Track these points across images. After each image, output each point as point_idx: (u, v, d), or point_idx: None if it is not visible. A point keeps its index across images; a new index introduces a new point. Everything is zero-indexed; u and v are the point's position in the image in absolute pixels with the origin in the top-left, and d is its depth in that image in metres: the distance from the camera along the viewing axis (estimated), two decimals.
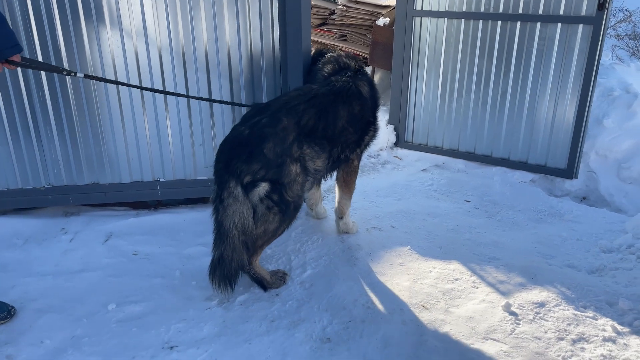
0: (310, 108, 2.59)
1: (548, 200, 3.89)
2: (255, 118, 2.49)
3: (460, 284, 2.66)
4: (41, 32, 3.00)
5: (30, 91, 3.11)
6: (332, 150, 2.73)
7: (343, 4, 6.10)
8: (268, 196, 2.45)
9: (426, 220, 3.46)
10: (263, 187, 2.44)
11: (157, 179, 3.43)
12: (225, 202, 2.40)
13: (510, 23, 4.03)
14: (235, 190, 2.39)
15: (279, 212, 2.51)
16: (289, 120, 2.50)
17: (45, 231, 3.25)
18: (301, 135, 2.53)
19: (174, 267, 2.90)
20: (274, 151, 2.43)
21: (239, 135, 2.47)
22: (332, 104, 2.69)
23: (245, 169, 2.39)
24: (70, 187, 3.34)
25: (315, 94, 2.67)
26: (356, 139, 2.89)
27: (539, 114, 4.09)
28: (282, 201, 2.50)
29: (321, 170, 2.73)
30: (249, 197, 2.42)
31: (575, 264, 2.93)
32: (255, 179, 2.41)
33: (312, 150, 2.60)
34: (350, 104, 2.77)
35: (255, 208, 2.46)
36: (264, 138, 2.42)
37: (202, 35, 3.15)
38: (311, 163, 2.61)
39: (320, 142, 2.63)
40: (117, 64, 3.14)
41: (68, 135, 3.24)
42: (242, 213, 2.40)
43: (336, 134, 2.72)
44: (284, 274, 2.74)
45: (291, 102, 2.58)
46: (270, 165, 2.42)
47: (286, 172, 2.47)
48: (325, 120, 2.64)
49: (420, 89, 4.62)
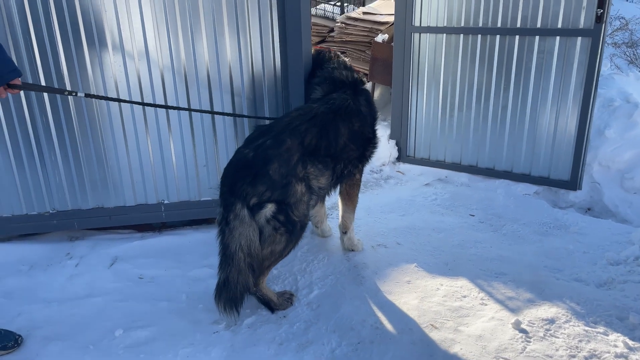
0: (312, 127, 2.62)
1: (553, 212, 3.88)
2: (259, 140, 2.50)
3: (468, 301, 2.65)
4: (44, 58, 3.02)
5: (34, 117, 3.13)
6: (336, 167, 2.76)
7: (342, 21, 6.16)
8: (275, 217, 2.45)
9: (431, 236, 3.45)
10: (269, 208, 2.44)
11: (162, 201, 3.43)
12: (231, 224, 2.40)
13: (509, 37, 4.06)
14: (242, 213, 2.40)
15: (285, 233, 2.51)
16: (293, 141, 2.52)
17: (51, 256, 3.25)
18: (305, 155, 2.55)
19: (180, 290, 2.89)
20: (279, 172, 2.44)
21: (244, 158, 2.48)
22: (333, 122, 2.72)
23: (251, 191, 2.40)
24: (74, 211, 3.35)
25: (316, 114, 2.69)
26: (358, 155, 2.91)
27: (541, 127, 4.10)
28: (289, 221, 2.50)
29: (325, 187, 2.76)
30: (256, 218, 2.43)
31: (583, 277, 2.91)
32: (261, 200, 2.41)
33: (316, 169, 2.62)
34: (350, 120, 2.80)
35: (262, 229, 2.46)
36: (268, 160, 2.43)
37: (203, 54, 3.17)
38: (315, 182, 2.63)
39: (324, 160, 2.66)
40: (119, 87, 3.16)
41: (72, 159, 3.25)
42: (248, 235, 2.40)
43: (338, 151, 2.74)
44: (291, 294, 2.73)
45: (293, 122, 2.60)
46: (275, 187, 2.43)
47: (292, 192, 2.48)
48: (327, 139, 2.67)
49: (421, 104, 4.64)
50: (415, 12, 4.42)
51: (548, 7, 3.87)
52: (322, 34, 6.59)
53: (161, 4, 3.04)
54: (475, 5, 4.15)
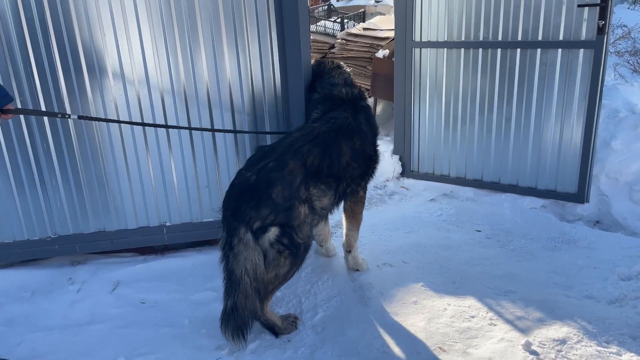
0: (314, 148, 2.59)
1: (561, 226, 3.81)
2: (261, 163, 2.47)
3: (477, 321, 2.58)
4: (44, 84, 3.02)
5: (35, 141, 3.12)
6: (338, 187, 2.73)
7: (342, 37, 6.17)
8: (278, 240, 2.42)
9: (438, 254, 3.40)
10: (273, 232, 2.41)
11: (164, 223, 3.40)
12: (235, 249, 2.37)
13: (510, 50, 4.04)
14: (246, 237, 2.36)
15: (290, 256, 2.47)
16: (295, 163, 2.49)
17: (52, 282, 3.21)
18: (308, 177, 2.52)
19: (183, 314, 2.84)
20: (282, 195, 2.40)
21: (246, 181, 2.45)
22: (335, 142, 2.69)
23: (255, 215, 2.36)
24: (76, 235, 3.32)
25: (318, 134, 2.66)
26: (360, 173, 2.88)
27: (546, 139, 4.06)
28: (293, 244, 2.47)
29: (327, 207, 2.73)
30: (259, 242, 2.39)
31: (594, 294, 2.85)
32: (264, 224, 2.38)
33: (319, 190, 2.59)
34: (351, 139, 2.77)
35: (266, 253, 2.42)
36: (271, 183, 2.40)
37: (203, 74, 3.16)
38: (318, 202, 2.60)
39: (326, 180, 2.63)
40: (120, 110, 3.15)
41: (73, 183, 3.24)
42: (253, 259, 2.37)
43: (341, 171, 2.71)
44: (295, 318, 2.68)
45: (295, 143, 2.57)
46: (279, 210, 2.40)
47: (295, 214, 2.44)
48: (329, 159, 2.64)
49: (424, 118, 4.61)
50: (415, 28, 4.42)
51: (549, 19, 3.85)
52: (323, 51, 6.60)
53: (160, 26, 3.05)
54: (475, 20, 4.13)
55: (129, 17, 3.00)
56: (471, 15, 4.15)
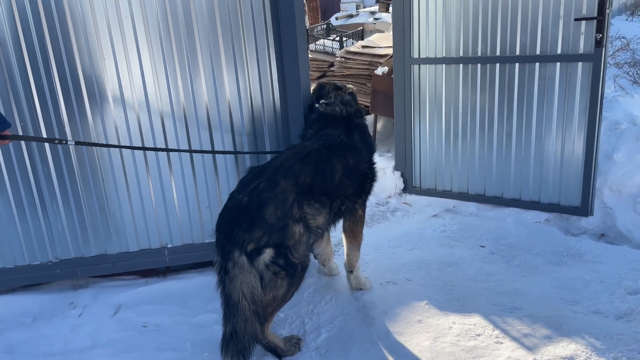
0: (305, 166, 2.56)
1: (566, 240, 3.77)
2: (253, 183, 2.45)
3: (482, 339, 2.54)
4: (44, 108, 3.04)
5: (35, 165, 3.13)
6: (333, 205, 2.69)
7: (342, 55, 6.21)
8: (274, 261, 2.39)
9: (442, 270, 3.36)
10: (268, 254, 2.38)
11: (165, 245, 3.39)
12: (231, 272, 2.34)
13: (509, 65, 4.05)
14: (240, 260, 2.33)
15: (287, 276, 2.44)
16: (287, 182, 2.46)
17: (54, 307, 3.19)
18: (300, 195, 2.49)
19: (185, 337, 2.81)
20: (275, 215, 2.38)
21: (238, 203, 2.43)
22: (327, 159, 2.67)
23: (248, 237, 2.34)
24: (77, 259, 3.31)
25: (309, 152, 2.64)
26: (355, 190, 2.84)
27: (547, 153, 4.04)
28: (289, 264, 2.43)
29: (323, 226, 2.68)
30: (255, 265, 2.36)
31: (601, 309, 2.80)
32: (259, 245, 2.35)
33: (313, 208, 2.56)
34: (344, 156, 2.74)
35: (262, 275, 2.39)
36: (263, 204, 2.38)
37: (203, 96, 3.18)
38: (313, 221, 2.56)
39: (320, 198, 2.59)
40: (120, 132, 3.16)
41: (74, 207, 3.23)
42: (250, 282, 2.34)
43: (334, 188, 2.68)
44: (298, 339, 2.64)
45: (286, 162, 2.55)
46: (272, 230, 2.37)
47: (290, 234, 2.42)
48: (322, 177, 2.61)
49: (424, 134, 4.61)
50: (414, 45, 4.44)
51: (546, 33, 3.86)
52: (322, 69, 6.64)
53: (159, 49, 3.07)
54: (473, 35, 4.15)
55: (128, 41, 3.03)
56: (469, 31, 4.17)
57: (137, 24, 3.02)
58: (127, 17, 2.99)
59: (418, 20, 4.39)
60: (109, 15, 2.98)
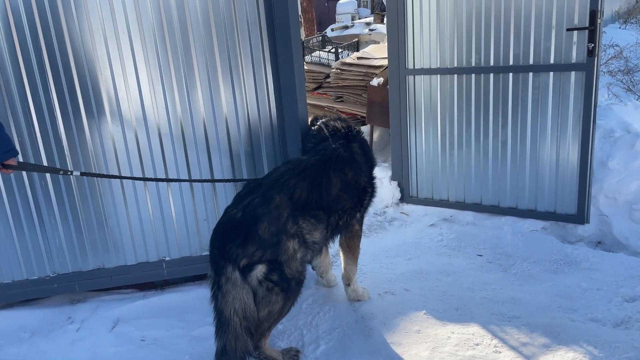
0: (301, 182, 2.56)
1: (562, 248, 3.79)
2: (247, 199, 2.46)
3: (481, 349, 2.55)
4: (42, 124, 3.06)
5: (33, 180, 3.14)
6: (330, 219, 2.68)
7: (337, 67, 6.26)
8: (267, 277, 2.38)
9: (440, 280, 3.37)
10: (260, 269, 2.37)
11: (163, 258, 3.39)
12: (223, 288, 2.34)
13: (503, 75, 4.09)
14: (233, 276, 2.33)
15: (281, 292, 2.43)
16: (281, 197, 2.46)
17: (52, 322, 3.18)
18: (295, 210, 2.48)
19: (183, 351, 2.80)
20: (269, 231, 2.38)
21: (232, 218, 2.43)
22: (324, 174, 2.66)
23: (241, 253, 2.34)
24: (75, 274, 3.30)
25: (305, 166, 2.64)
26: (353, 204, 2.83)
27: (542, 161, 4.07)
28: (283, 279, 2.42)
29: (320, 241, 2.67)
30: (248, 280, 2.36)
31: (598, 317, 2.81)
32: (252, 261, 2.35)
33: (309, 223, 2.55)
34: (342, 170, 2.74)
35: (256, 291, 2.38)
36: (257, 219, 2.38)
37: (200, 110, 3.20)
38: (309, 236, 2.56)
39: (316, 213, 2.58)
40: (117, 147, 3.17)
41: (72, 221, 3.24)
42: (242, 298, 2.33)
43: (331, 203, 2.67)
44: (297, 351, 2.64)
45: (281, 177, 2.55)
46: (266, 246, 2.37)
47: (283, 250, 2.41)
48: (318, 191, 2.60)
49: (420, 144, 4.64)
50: (408, 56, 4.48)
51: (539, 44, 3.91)
52: (318, 80, 6.69)
53: (156, 63, 3.09)
54: (467, 46, 4.20)
55: (125, 55, 3.05)
56: (462, 42, 4.21)
57: (134, 37, 3.04)
58: (124, 32, 3.02)
59: (412, 31, 4.44)
60: (106, 31, 3.00)
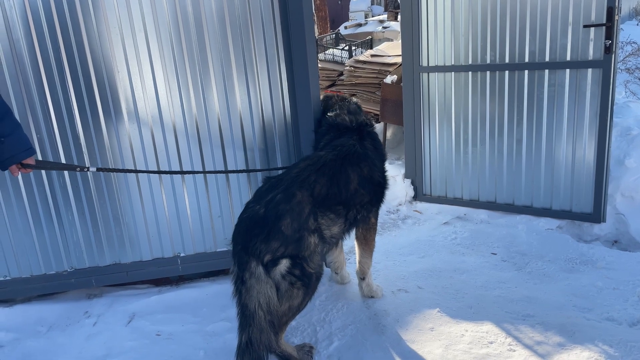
0: (321, 177, 2.59)
1: (578, 247, 3.75)
2: (269, 195, 2.48)
3: (495, 347, 2.54)
4: (60, 123, 3.10)
5: (51, 177, 3.19)
6: (348, 214, 2.71)
7: (351, 64, 6.25)
8: (290, 272, 2.41)
9: (453, 278, 3.36)
10: (284, 264, 2.40)
11: (178, 254, 3.42)
12: (247, 283, 2.37)
13: (518, 72, 4.06)
14: (257, 271, 2.36)
15: (302, 286, 2.46)
16: (303, 193, 2.49)
17: (69, 316, 3.24)
18: (316, 206, 2.52)
19: (198, 346, 2.83)
20: (291, 227, 2.41)
21: (255, 214, 2.45)
22: (342, 169, 2.69)
23: (265, 249, 2.37)
24: (92, 269, 3.35)
25: (324, 162, 2.67)
26: (369, 199, 2.86)
27: (558, 160, 4.03)
28: (305, 274, 2.46)
29: (338, 235, 2.71)
30: (271, 275, 2.39)
31: (614, 316, 2.78)
32: (275, 256, 2.38)
33: (328, 219, 2.59)
34: (358, 166, 2.77)
35: (279, 286, 2.41)
36: (280, 215, 2.41)
37: (214, 107, 3.23)
38: (328, 231, 2.59)
39: (335, 208, 2.62)
40: (133, 143, 3.21)
41: (89, 217, 3.28)
42: (266, 292, 2.36)
43: (349, 198, 2.71)
44: (311, 347, 2.66)
45: (302, 174, 2.58)
46: (289, 242, 2.40)
47: (305, 245, 2.44)
48: (337, 187, 2.64)
49: (434, 142, 4.62)
50: (422, 53, 4.47)
51: (555, 40, 3.87)
52: (331, 78, 6.69)
53: (171, 60, 3.12)
54: (482, 43, 4.17)
55: (141, 53, 3.09)
56: (477, 39, 4.19)
57: (150, 36, 3.07)
58: (140, 31, 3.05)
59: (427, 28, 4.42)
60: (123, 30, 3.04)
